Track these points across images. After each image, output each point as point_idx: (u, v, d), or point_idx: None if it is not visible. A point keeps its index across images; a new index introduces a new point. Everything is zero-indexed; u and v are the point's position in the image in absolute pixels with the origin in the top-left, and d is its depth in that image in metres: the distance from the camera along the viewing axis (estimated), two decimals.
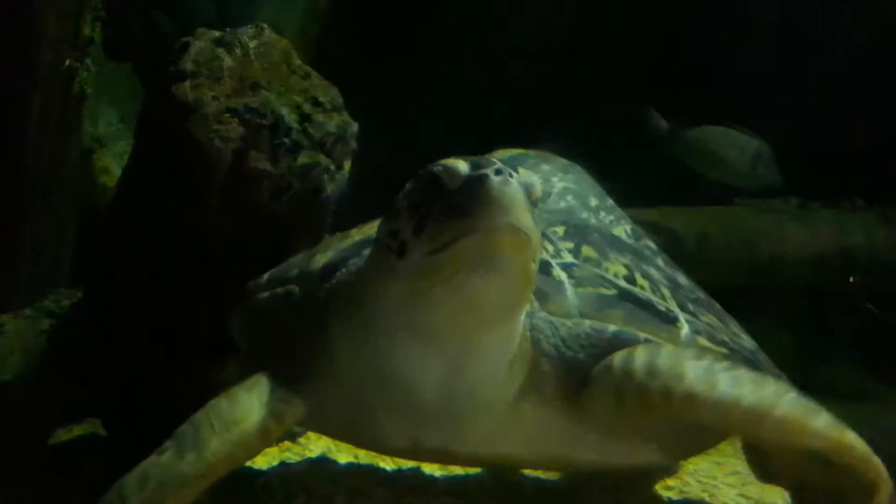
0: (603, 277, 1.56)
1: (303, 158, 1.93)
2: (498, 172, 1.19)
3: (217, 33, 1.97)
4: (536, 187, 1.26)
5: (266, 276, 1.73)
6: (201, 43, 1.93)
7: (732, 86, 3.73)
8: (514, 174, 1.21)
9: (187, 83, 1.87)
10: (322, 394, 1.50)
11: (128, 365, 2.05)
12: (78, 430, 2.30)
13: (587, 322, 1.49)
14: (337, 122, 2.00)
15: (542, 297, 1.47)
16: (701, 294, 1.77)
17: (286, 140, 1.90)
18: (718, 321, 1.68)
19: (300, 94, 1.97)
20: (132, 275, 2.02)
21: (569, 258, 1.57)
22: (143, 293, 2.00)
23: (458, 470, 1.97)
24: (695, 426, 1.47)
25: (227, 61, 1.91)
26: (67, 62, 2.43)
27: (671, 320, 1.55)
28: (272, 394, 1.47)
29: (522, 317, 1.40)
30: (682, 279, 1.78)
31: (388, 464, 2.10)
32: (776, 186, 3.70)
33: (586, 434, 1.48)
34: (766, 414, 1.36)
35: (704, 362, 1.41)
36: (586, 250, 1.61)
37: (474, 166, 1.22)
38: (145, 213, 2.01)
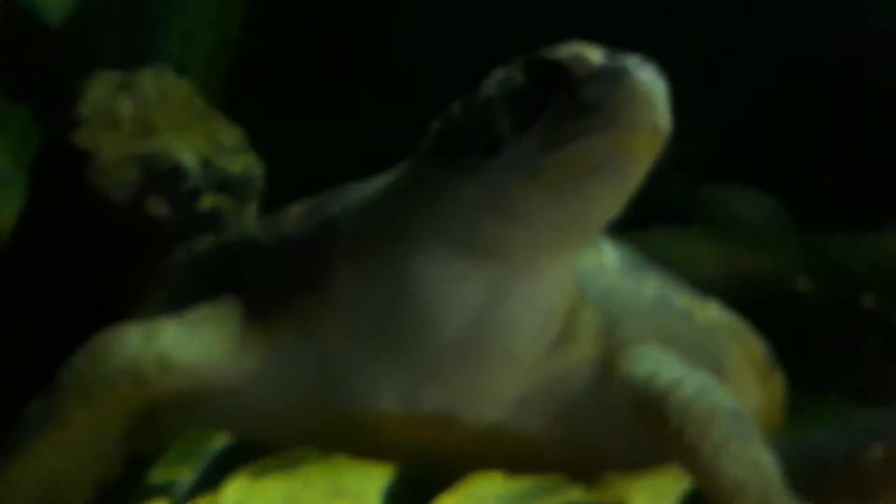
0: (630, 249, 1.44)
1: (205, 202, 1.91)
2: (640, 64, 1.04)
3: (116, 78, 1.95)
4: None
5: (209, 242, 1.52)
6: (99, 88, 1.91)
7: None
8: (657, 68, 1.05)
9: (84, 130, 1.84)
10: (298, 344, 1.26)
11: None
12: None
13: (629, 276, 1.37)
14: (241, 163, 1.99)
15: None
16: None
17: (187, 184, 1.88)
18: None
19: (202, 137, 1.96)
20: (23, 324, 1.98)
21: None
22: (35, 341, 1.94)
23: None
24: None
25: (126, 106, 1.89)
26: None
27: (702, 296, 1.46)
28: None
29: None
30: None
31: None
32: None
33: (612, 412, 1.30)
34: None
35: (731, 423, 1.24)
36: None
37: (610, 55, 1.06)
38: (41, 261, 1.96)
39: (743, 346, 1.49)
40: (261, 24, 3.85)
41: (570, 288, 1.23)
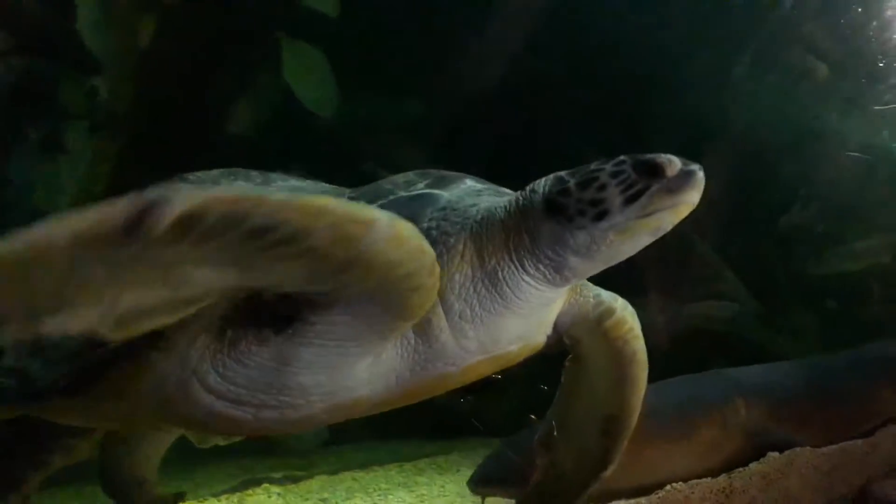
0: None
1: None
2: (700, 168, 1.68)
3: None
4: None
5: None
6: None
7: None
8: None
9: None
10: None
11: None
12: None
13: None
14: None
15: None
16: None
17: None
18: None
19: None
20: None
21: None
22: None
23: None
24: None
25: None
26: None
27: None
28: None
29: None
30: None
31: None
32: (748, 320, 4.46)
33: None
34: None
35: None
36: None
37: (684, 161, 1.68)
38: None
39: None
40: (123, 178, 4.41)
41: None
